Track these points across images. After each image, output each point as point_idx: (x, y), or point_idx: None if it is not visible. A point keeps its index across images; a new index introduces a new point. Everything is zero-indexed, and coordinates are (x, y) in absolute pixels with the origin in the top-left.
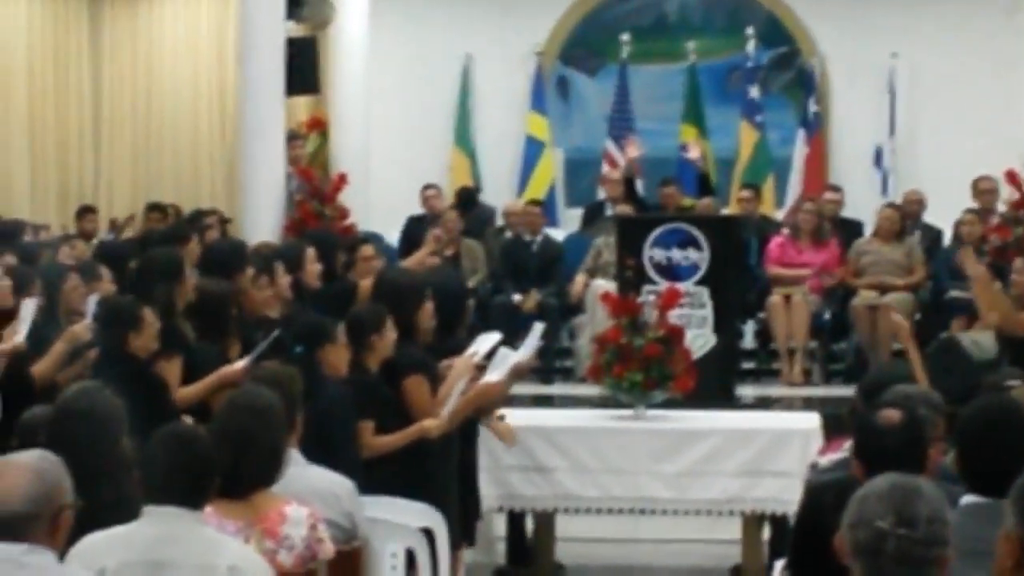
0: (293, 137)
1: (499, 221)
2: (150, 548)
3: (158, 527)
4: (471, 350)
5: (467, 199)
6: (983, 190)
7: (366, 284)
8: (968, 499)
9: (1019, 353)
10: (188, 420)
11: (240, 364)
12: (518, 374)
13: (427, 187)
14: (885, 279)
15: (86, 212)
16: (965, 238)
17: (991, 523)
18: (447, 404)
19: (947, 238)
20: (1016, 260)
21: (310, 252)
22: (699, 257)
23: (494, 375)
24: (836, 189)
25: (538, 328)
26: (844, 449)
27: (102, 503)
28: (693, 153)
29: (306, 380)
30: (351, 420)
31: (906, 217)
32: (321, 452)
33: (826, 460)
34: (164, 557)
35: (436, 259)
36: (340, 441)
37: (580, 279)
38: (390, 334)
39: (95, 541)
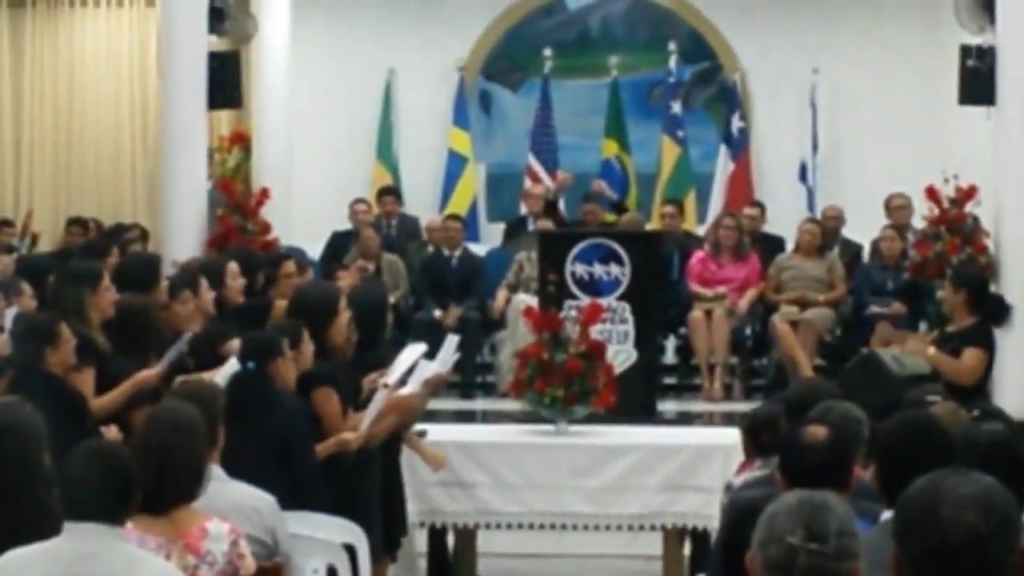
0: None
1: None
2: (70, 564)
3: (78, 543)
4: (397, 362)
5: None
6: (896, 207)
7: (281, 304)
8: (888, 514)
9: None
10: (113, 432)
11: (154, 369)
12: (436, 387)
13: (356, 201)
14: (806, 295)
15: (2, 225)
16: (884, 253)
17: None
18: (365, 418)
19: (867, 254)
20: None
21: (232, 267)
22: (621, 272)
23: (409, 387)
24: (756, 205)
25: (452, 341)
26: (757, 467)
27: (23, 518)
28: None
29: (263, 394)
30: (309, 432)
31: (826, 233)
32: (282, 465)
33: (740, 480)
34: (83, 573)
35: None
36: (300, 453)
37: (502, 294)
38: (308, 349)
39: (16, 557)
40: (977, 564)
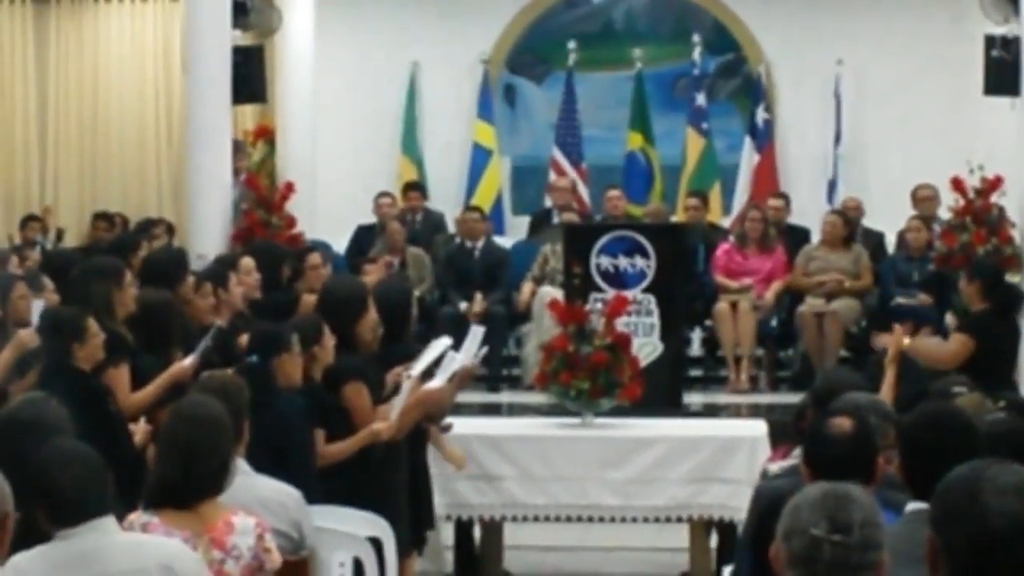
0: (235, 148)
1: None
2: (76, 567)
3: (80, 544)
4: (422, 356)
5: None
6: (922, 198)
7: (309, 298)
8: (913, 506)
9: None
10: (144, 427)
11: (188, 361)
12: (463, 380)
13: (381, 195)
14: (832, 278)
15: (29, 221)
16: (910, 244)
17: None
18: (393, 410)
19: (892, 244)
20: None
21: (246, 262)
22: (646, 265)
23: (437, 380)
24: (781, 196)
25: (477, 332)
26: (794, 456)
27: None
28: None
29: (261, 390)
30: (306, 430)
31: (849, 223)
32: (276, 462)
33: (776, 467)
34: (92, 572)
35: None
36: (295, 451)
37: (527, 287)
38: (329, 343)
39: (18, 563)
40: (1019, 551)
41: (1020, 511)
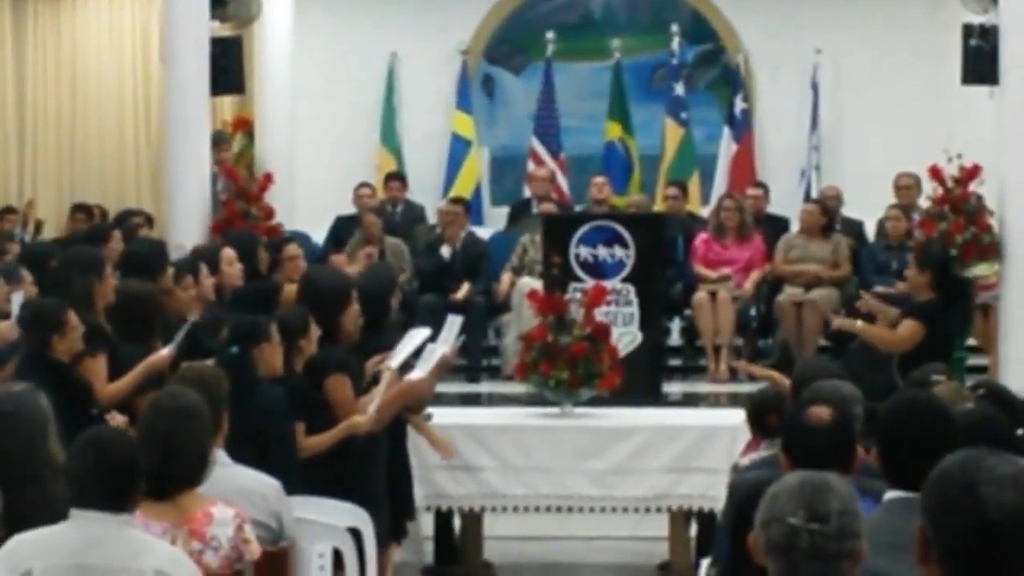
0: (219, 140)
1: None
2: (76, 552)
3: (84, 531)
4: (400, 346)
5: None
6: (903, 186)
7: (291, 288)
8: (891, 494)
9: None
10: (120, 419)
11: (164, 351)
12: (442, 369)
13: (361, 186)
14: (811, 268)
15: (5, 213)
16: (889, 233)
17: (913, 517)
18: (373, 401)
19: (870, 232)
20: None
21: (227, 253)
22: (625, 255)
23: (417, 372)
24: (759, 185)
25: (455, 321)
26: (763, 448)
27: (28, 505)
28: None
29: (241, 380)
30: (287, 420)
31: (827, 212)
32: (257, 453)
33: (747, 460)
34: (90, 561)
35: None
36: (276, 441)
37: (506, 277)
38: (315, 335)
39: (22, 542)
40: (1016, 543)
41: (1018, 502)
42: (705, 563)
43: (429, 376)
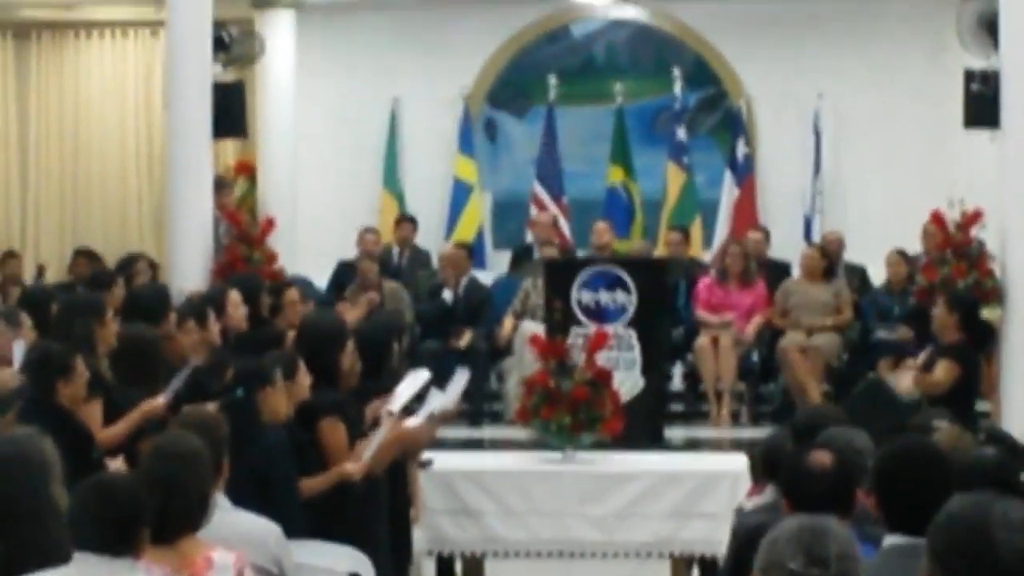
0: (222, 184)
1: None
2: None
3: (87, 575)
4: (400, 390)
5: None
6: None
7: (293, 334)
8: (890, 540)
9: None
10: (119, 464)
11: (159, 399)
12: (442, 420)
13: (367, 231)
14: (813, 320)
15: (8, 257)
16: (890, 278)
17: (911, 562)
18: (368, 447)
19: (873, 276)
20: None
21: (233, 296)
22: (627, 299)
23: (416, 418)
24: (760, 230)
25: (463, 375)
26: (767, 492)
27: (30, 549)
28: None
29: (246, 424)
30: (290, 464)
31: (828, 257)
32: (259, 496)
33: (751, 504)
34: None
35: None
36: (279, 485)
37: (508, 322)
38: (303, 380)
39: None
40: None
41: None
42: None
43: (428, 424)
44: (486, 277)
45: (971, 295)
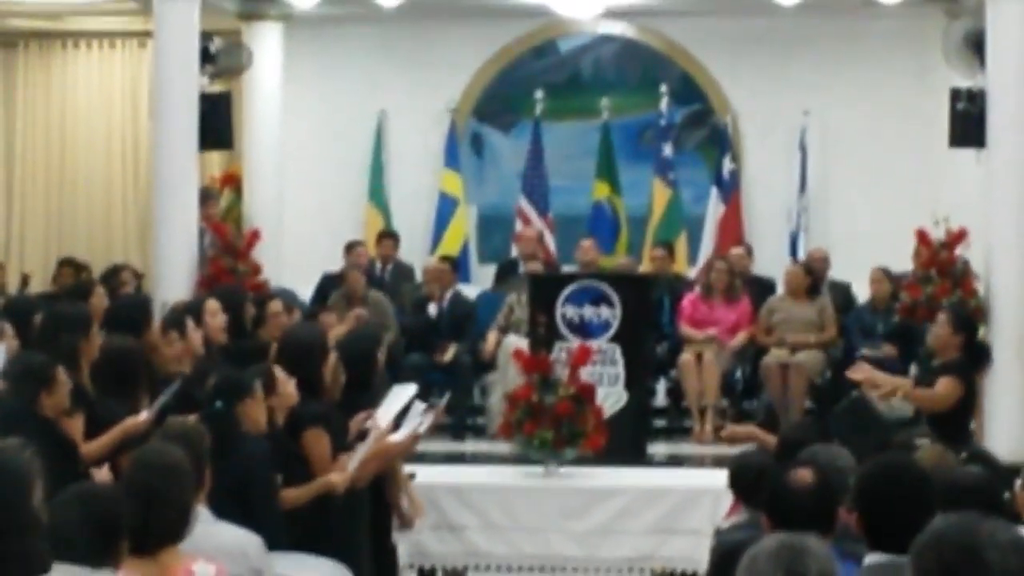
0: (207, 196)
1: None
2: None
3: None
4: (385, 404)
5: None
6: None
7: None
8: (872, 558)
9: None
10: (104, 474)
11: (143, 415)
12: (417, 438)
13: (355, 244)
14: (796, 338)
15: None
16: (874, 296)
17: None
18: (352, 459)
19: (858, 293)
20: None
21: (211, 305)
22: (611, 315)
23: (399, 433)
24: (743, 246)
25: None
26: (746, 510)
27: (9, 560)
28: None
29: (226, 435)
30: (271, 476)
31: (813, 274)
32: (240, 508)
33: (729, 523)
34: None
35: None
36: (260, 496)
37: (492, 336)
38: (285, 390)
39: None
40: None
41: (1020, 568)
42: None
43: (410, 438)
44: (471, 291)
45: (973, 315)
